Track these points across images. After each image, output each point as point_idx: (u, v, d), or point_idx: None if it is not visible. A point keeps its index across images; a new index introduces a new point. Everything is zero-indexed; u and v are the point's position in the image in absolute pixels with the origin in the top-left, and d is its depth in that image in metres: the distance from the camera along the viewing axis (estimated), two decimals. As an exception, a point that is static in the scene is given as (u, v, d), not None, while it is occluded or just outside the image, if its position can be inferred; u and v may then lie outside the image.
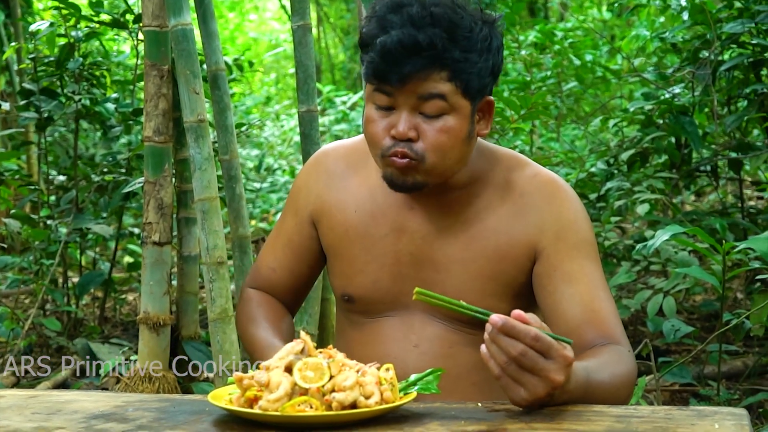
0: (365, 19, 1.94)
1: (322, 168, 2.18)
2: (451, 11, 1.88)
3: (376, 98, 1.92)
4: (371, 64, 1.89)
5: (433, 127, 1.90)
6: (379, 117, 1.93)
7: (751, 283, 4.21)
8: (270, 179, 8.33)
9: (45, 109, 4.46)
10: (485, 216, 2.02)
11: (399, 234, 2.06)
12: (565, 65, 6.26)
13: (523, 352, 1.55)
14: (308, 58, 3.43)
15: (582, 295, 1.94)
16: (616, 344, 1.90)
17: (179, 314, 3.74)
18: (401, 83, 1.87)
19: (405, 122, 1.89)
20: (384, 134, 1.92)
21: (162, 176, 3.37)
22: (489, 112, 2.00)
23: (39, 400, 1.82)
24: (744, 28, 4.08)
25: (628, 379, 1.84)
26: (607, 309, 1.94)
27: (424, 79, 1.87)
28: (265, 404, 1.57)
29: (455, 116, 1.91)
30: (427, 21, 1.85)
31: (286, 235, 2.20)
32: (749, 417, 1.60)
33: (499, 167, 2.06)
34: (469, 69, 1.89)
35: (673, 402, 3.80)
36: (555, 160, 5.91)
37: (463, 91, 1.90)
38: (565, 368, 1.58)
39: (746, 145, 4.56)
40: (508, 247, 2.00)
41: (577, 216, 2.02)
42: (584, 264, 1.97)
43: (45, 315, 4.79)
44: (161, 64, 3.38)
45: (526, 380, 1.56)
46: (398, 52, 1.84)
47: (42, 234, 4.66)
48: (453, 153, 1.93)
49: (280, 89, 13.36)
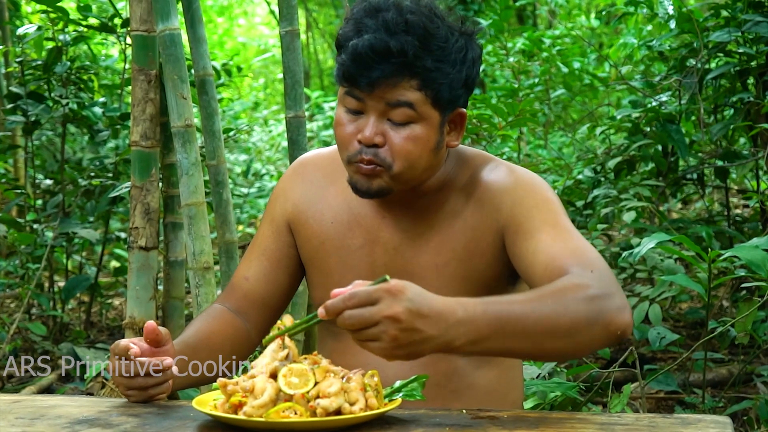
0: (344, 20, 1.94)
1: (299, 178, 2.17)
2: (428, 20, 1.87)
3: (346, 101, 1.93)
4: (342, 66, 1.89)
5: (399, 134, 1.89)
6: (348, 120, 1.93)
7: (736, 291, 4.22)
8: (258, 184, 8.33)
9: (32, 112, 4.44)
10: (453, 219, 2.02)
11: (373, 245, 2.06)
12: (553, 72, 6.28)
13: (348, 316, 1.56)
14: (296, 63, 3.43)
15: (545, 242, 1.87)
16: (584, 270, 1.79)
17: (165, 319, 3.73)
18: (370, 88, 1.87)
19: (372, 127, 1.89)
20: (351, 138, 1.92)
21: (149, 181, 3.37)
22: (461, 123, 1.99)
23: (22, 405, 1.81)
24: (731, 36, 4.10)
25: (579, 295, 1.70)
26: (572, 244, 1.86)
27: (393, 85, 1.86)
28: (249, 410, 1.57)
29: (423, 125, 1.90)
30: (401, 28, 1.85)
31: (263, 244, 2.17)
32: (733, 425, 1.61)
33: (465, 168, 2.05)
34: (440, 79, 1.88)
35: (658, 409, 3.81)
36: (542, 167, 5.92)
37: (432, 101, 1.89)
38: (396, 299, 1.55)
39: (732, 154, 4.58)
40: (474, 244, 2.00)
41: (533, 186, 1.98)
42: (545, 217, 1.92)
43: (31, 319, 4.77)
44: (149, 69, 3.38)
45: (370, 333, 1.56)
46: (368, 57, 1.84)
47: (28, 238, 4.64)
48: (419, 162, 1.93)
49: (268, 94, 13.37)
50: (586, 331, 1.68)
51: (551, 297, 1.70)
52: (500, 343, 1.65)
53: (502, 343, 1.65)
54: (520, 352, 1.74)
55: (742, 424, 3.46)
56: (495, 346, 1.65)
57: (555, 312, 1.67)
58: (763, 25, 3.94)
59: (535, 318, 1.66)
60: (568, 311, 1.67)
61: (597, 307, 1.70)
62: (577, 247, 1.85)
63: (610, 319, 1.70)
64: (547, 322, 1.66)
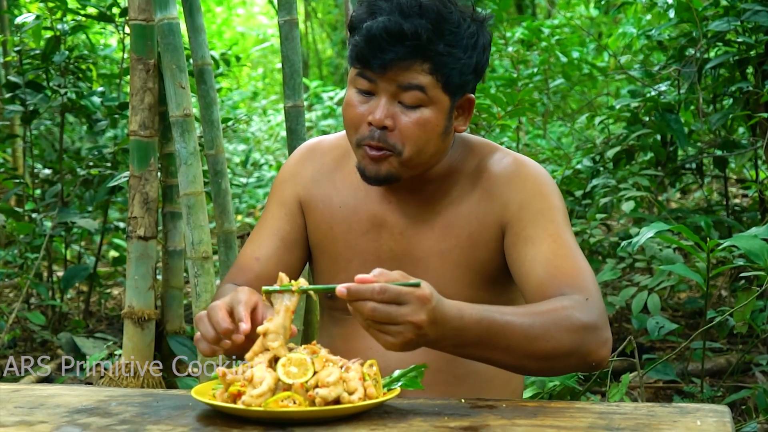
0: (358, 3, 1.95)
1: (308, 161, 2.17)
2: (441, 4, 1.89)
3: (357, 82, 1.93)
4: (355, 48, 1.89)
5: (409, 117, 1.90)
6: (358, 102, 1.93)
7: (735, 281, 4.23)
8: (256, 174, 8.32)
9: (30, 102, 4.44)
10: (458, 206, 2.03)
11: (379, 230, 2.06)
12: (552, 62, 6.27)
13: (373, 309, 1.59)
14: (295, 53, 3.43)
15: (544, 254, 1.91)
16: (578, 294, 1.83)
17: (164, 309, 3.74)
18: (382, 70, 1.88)
19: (383, 109, 1.90)
20: (362, 119, 1.92)
21: (147, 170, 3.36)
22: (468, 109, 2.00)
23: (22, 395, 1.81)
24: (730, 26, 4.09)
25: (566, 324, 1.75)
26: (570, 263, 1.90)
27: (406, 68, 1.87)
28: (248, 399, 1.57)
29: (433, 109, 1.91)
30: (415, 11, 1.86)
31: (274, 225, 2.15)
32: (731, 414, 1.61)
33: (472, 156, 2.07)
34: (451, 64, 1.89)
35: (657, 399, 3.82)
36: (541, 156, 5.92)
37: (443, 86, 1.90)
38: (424, 307, 1.61)
39: (731, 143, 4.58)
40: (479, 233, 2.01)
41: (541, 188, 2.00)
42: (548, 226, 1.95)
43: (29, 309, 4.77)
44: (147, 58, 3.38)
45: (388, 329, 1.61)
46: (382, 39, 1.85)
47: (27, 228, 4.64)
48: (428, 147, 1.94)
49: (267, 84, 13.35)
50: (566, 358, 1.76)
51: (541, 318, 1.75)
52: (481, 352, 1.74)
53: (482, 353, 1.74)
54: (496, 362, 1.79)
55: (741, 413, 3.47)
56: (476, 353, 1.74)
57: (541, 335, 1.74)
58: (762, 14, 3.93)
59: (520, 337, 1.73)
60: (553, 337, 1.74)
61: (581, 339, 1.76)
62: (575, 268, 1.89)
63: (590, 351, 1.78)
64: (531, 343, 1.74)
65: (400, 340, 1.62)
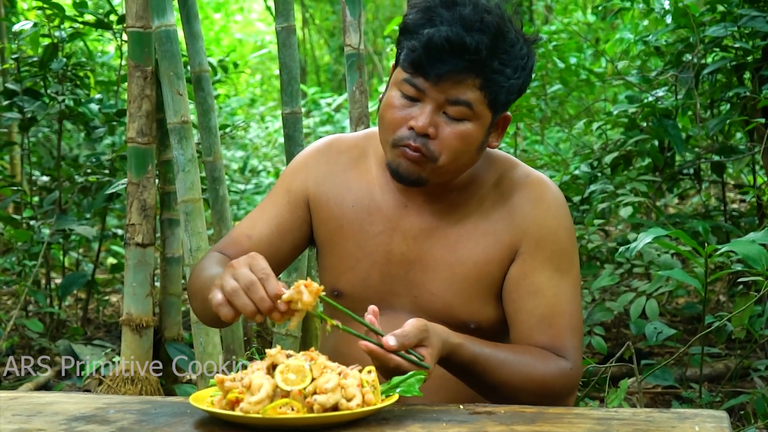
0: (412, 6, 1.92)
1: (323, 157, 2.16)
2: (501, 21, 1.87)
3: (404, 87, 1.91)
4: (412, 53, 1.87)
5: (452, 129, 1.90)
6: (401, 105, 1.92)
7: (733, 286, 4.22)
8: (254, 181, 8.31)
9: (28, 109, 4.44)
10: (475, 218, 2.03)
11: (392, 232, 2.05)
12: (550, 68, 6.26)
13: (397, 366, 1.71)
14: (292, 60, 3.43)
15: (542, 309, 1.96)
16: (561, 357, 1.94)
17: (162, 316, 3.74)
18: (436, 80, 1.86)
19: (427, 117, 1.88)
20: (402, 123, 1.91)
21: (145, 177, 3.37)
22: (503, 126, 2.01)
23: (20, 402, 1.81)
24: (727, 31, 4.09)
25: (541, 382, 1.90)
26: (564, 324, 1.97)
27: (459, 82, 1.86)
28: (246, 406, 1.57)
29: (475, 124, 1.91)
30: (477, 26, 1.84)
31: (274, 210, 2.13)
32: (730, 419, 1.61)
33: (493, 169, 2.07)
34: (502, 82, 1.88)
35: (655, 404, 3.82)
36: (539, 162, 5.91)
37: (489, 102, 1.90)
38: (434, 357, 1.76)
39: (729, 148, 4.58)
40: (494, 249, 2.01)
41: (560, 224, 2.02)
42: (553, 277, 1.98)
43: (27, 316, 4.77)
44: (145, 66, 3.38)
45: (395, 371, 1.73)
46: (443, 49, 1.83)
47: (25, 235, 4.64)
48: (463, 158, 1.94)
49: (265, 90, 13.34)
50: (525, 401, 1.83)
51: (520, 369, 1.90)
52: (454, 373, 1.90)
53: (455, 373, 1.90)
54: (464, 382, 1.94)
55: (739, 418, 3.47)
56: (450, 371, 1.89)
57: (515, 384, 1.91)
58: (759, 19, 3.93)
59: (495, 379, 1.89)
60: (523, 390, 1.89)
61: (548, 399, 1.87)
62: (568, 329, 1.98)
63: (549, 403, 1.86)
64: (503, 385, 1.89)
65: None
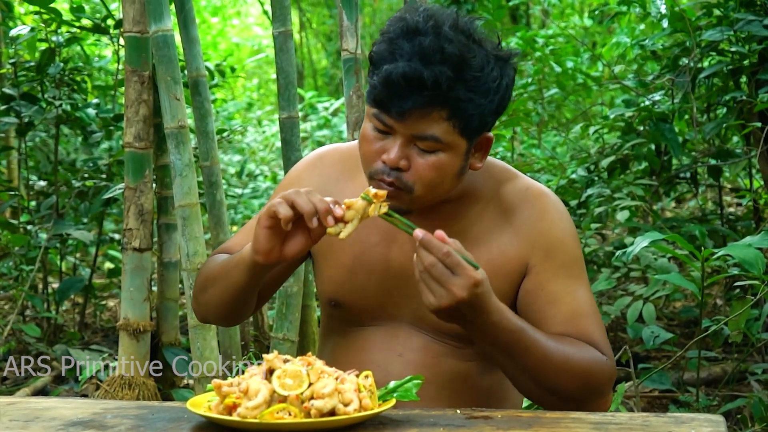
0: (381, 34, 1.89)
1: (316, 170, 2.14)
2: (465, 48, 1.82)
3: (374, 121, 1.89)
4: (374, 90, 1.86)
5: (425, 160, 1.87)
6: (374, 138, 1.90)
7: (730, 290, 4.23)
8: (252, 185, 8.31)
9: (25, 114, 4.44)
10: (476, 230, 2.01)
11: (390, 244, 2.04)
12: (547, 72, 6.28)
13: (432, 263, 1.71)
14: (289, 64, 3.44)
15: (564, 314, 1.95)
16: (595, 349, 1.92)
17: (159, 320, 3.73)
18: (400, 117, 1.83)
19: (398, 151, 1.86)
20: (376, 156, 1.89)
21: (142, 182, 3.37)
22: (486, 147, 1.97)
23: (17, 407, 1.81)
24: (723, 35, 4.10)
25: (581, 368, 1.87)
26: (589, 322, 1.95)
27: (424, 116, 1.83)
28: (243, 411, 1.57)
29: (449, 154, 1.88)
30: (437, 57, 1.80)
31: None
32: (727, 423, 1.61)
33: (491, 180, 2.05)
34: (471, 110, 1.84)
35: (652, 408, 3.82)
36: (536, 166, 5.93)
37: (460, 131, 1.86)
38: (471, 287, 1.71)
39: (725, 152, 4.59)
40: (499, 262, 1.99)
41: (566, 233, 2.02)
42: (569, 283, 1.98)
43: (24, 321, 4.77)
44: (142, 70, 3.38)
45: (434, 288, 1.73)
46: (401, 86, 1.80)
47: (22, 239, 4.64)
48: (441, 187, 1.92)
49: (262, 95, 13.35)
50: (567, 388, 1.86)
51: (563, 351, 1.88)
52: (499, 356, 1.86)
53: (500, 357, 1.86)
54: (507, 371, 1.91)
55: (736, 422, 3.47)
56: (495, 354, 1.86)
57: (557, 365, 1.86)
58: (755, 23, 3.94)
59: (540, 356, 1.85)
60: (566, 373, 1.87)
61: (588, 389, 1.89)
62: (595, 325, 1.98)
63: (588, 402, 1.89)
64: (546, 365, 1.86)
65: (437, 303, 1.72)
